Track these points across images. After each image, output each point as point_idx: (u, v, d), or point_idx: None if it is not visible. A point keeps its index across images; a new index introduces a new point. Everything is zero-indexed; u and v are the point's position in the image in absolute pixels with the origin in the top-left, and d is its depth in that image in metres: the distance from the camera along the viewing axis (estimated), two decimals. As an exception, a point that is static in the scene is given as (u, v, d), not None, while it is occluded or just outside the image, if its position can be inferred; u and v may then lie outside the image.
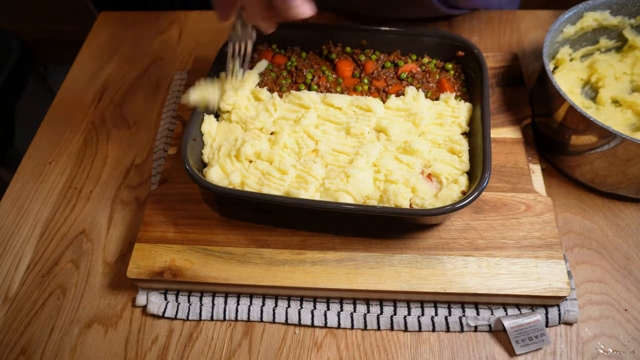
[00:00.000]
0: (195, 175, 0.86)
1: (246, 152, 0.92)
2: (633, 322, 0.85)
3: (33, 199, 1.07)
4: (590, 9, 1.06)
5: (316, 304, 0.89)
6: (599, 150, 0.90)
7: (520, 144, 1.02)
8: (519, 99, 1.09)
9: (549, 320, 0.85)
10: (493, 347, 0.84)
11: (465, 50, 1.04)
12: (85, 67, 1.33)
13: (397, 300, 0.88)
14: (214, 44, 1.35)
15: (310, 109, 0.98)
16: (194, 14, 1.44)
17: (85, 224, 1.02)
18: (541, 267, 0.85)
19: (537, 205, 0.92)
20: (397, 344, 0.85)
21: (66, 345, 0.88)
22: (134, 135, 1.17)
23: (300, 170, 0.90)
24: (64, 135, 1.19)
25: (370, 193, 0.87)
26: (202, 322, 0.89)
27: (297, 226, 0.92)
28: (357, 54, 1.10)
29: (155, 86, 1.27)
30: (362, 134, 0.95)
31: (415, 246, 0.89)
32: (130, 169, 1.11)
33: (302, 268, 0.87)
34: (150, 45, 1.37)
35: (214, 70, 1.02)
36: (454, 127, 0.95)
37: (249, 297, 0.90)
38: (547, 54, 0.98)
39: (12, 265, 0.98)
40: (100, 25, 1.44)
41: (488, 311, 0.86)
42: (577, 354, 0.82)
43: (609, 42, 1.12)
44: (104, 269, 0.96)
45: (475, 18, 1.35)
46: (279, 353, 0.85)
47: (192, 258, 0.89)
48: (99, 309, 0.91)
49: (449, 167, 0.90)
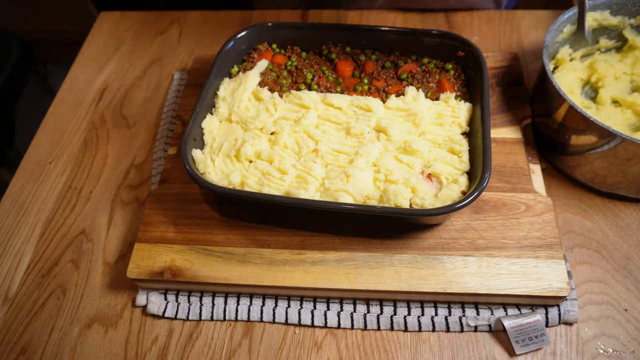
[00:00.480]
0: (195, 175, 0.86)
1: (246, 152, 0.92)
2: (633, 322, 0.85)
3: (33, 199, 1.07)
4: (590, 9, 1.06)
5: (316, 304, 0.89)
6: (599, 150, 0.90)
7: (520, 144, 1.02)
8: (519, 99, 1.09)
9: (549, 320, 0.85)
10: (493, 347, 0.84)
11: (465, 50, 1.04)
12: (85, 67, 1.33)
13: (397, 300, 0.88)
14: (214, 44, 1.35)
15: (311, 109, 0.98)
16: (194, 14, 1.44)
17: (85, 224, 1.02)
18: (541, 267, 0.85)
19: (537, 205, 0.92)
20: (397, 344, 0.85)
21: (66, 345, 0.88)
22: (134, 135, 1.17)
23: (300, 170, 0.90)
24: (64, 135, 1.19)
25: (370, 193, 0.87)
26: (202, 322, 0.89)
27: (297, 226, 0.92)
28: (357, 54, 1.10)
29: (155, 86, 1.27)
30: (362, 134, 0.95)
31: (415, 246, 0.89)
32: (130, 169, 1.11)
33: (302, 268, 0.87)
34: (150, 45, 1.37)
35: (214, 70, 1.02)
36: (454, 127, 0.95)
37: (249, 297, 0.90)
38: (547, 54, 0.98)
39: (12, 265, 0.98)
40: (100, 25, 1.44)
41: (488, 311, 0.86)
42: (577, 354, 0.82)
43: (609, 42, 1.12)
44: (104, 269, 0.96)
45: (475, 18, 1.35)
46: (279, 353, 0.85)
47: (192, 258, 0.89)
48: (99, 309, 0.91)
49: (449, 167, 0.90)
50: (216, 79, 1.03)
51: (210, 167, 0.92)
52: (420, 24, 1.34)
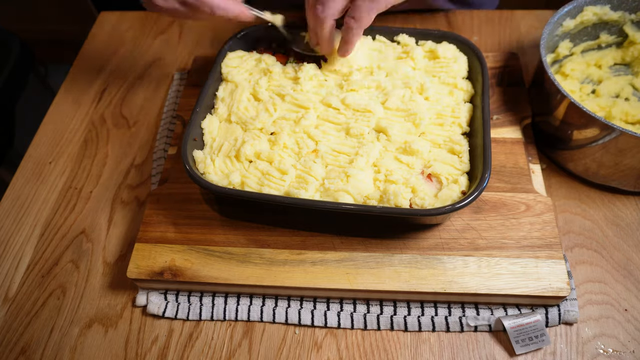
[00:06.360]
0: (195, 176, 0.86)
1: (246, 152, 0.92)
2: (633, 322, 0.85)
3: (33, 199, 1.07)
4: (591, 3, 1.06)
5: (316, 304, 0.89)
6: (600, 142, 0.90)
7: (520, 144, 1.02)
8: (519, 99, 1.09)
9: (549, 320, 0.85)
10: (493, 347, 0.84)
11: (466, 50, 1.04)
12: (85, 67, 1.33)
13: (397, 300, 0.88)
14: (214, 44, 1.35)
15: (310, 110, 0.98)
16: (194, 14, 1.44)
17: (85, 224, 1.03)
18: (541, 267, 0.85)
19: (537, 205, 0.92)
20: (397, 344, 0.85)
21: (66, 345, 0.88)
22: (134, 135, 1.17)
23: (300, 170, 0.90)
24: (64, 135, 1.19)
25: (370, 193, 0.87)
26: (202, 322, 0.89)
27: (297, 226, 0.92)
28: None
29: (155, 86, 1.27)
30: (362, 134, 0.95)
31: (415, 246, 0.89)
32: (130, 169, 1.11)
33: (302, 268, 0.87)
34: (150, 45, 1.37)
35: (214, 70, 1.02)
36: (454, 127, 0.95)
37: (249, 297, 0.90)
38: (544, 45, 0.98)
39: (12, 265, 0.98)
40: (100, 25, 1.44)
41: (488, 311, 0.86)
42: (577, 354, 0.82)
43: (609, 37, 1.12)
44: (104, 269, 0.96)
45: (476, 18, 1.35)
46: (279, 353, 0.85)
47: (192, 258, 0.89)
48: (99, 309, 0.91)
49: (449, 167, 0.90)
50: (216, 79, 1.03)
51: (210, 167, 0.92)
52: (420, 24, 1.34)
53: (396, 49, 1.08)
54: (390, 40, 1.10)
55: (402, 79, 1.02)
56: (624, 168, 0.92)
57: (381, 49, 1.08)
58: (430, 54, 1.06)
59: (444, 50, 1.04)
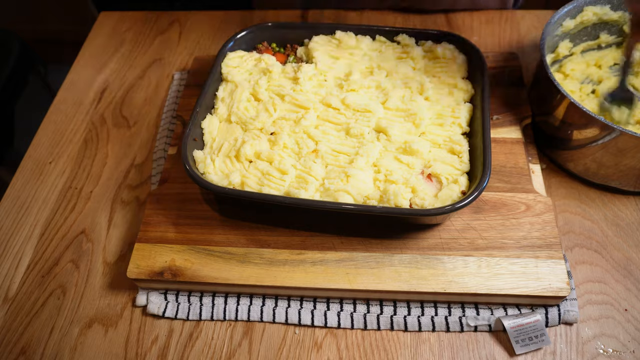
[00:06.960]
0: (195, 176, 0.86)
1: (246, 152, 0.92)
2: (633, 322, 0.85)
3: (33, 199, 1.07)
4: (591, 3, 1.06)
5: (316, 304, 0.89)
6: (600, 142, 0.90)
7: (520, 144, 1.02)
8: (519, 99, 1.09)
9: (549, 320, 0.85)
10: (493, 347, 0.84)
11: (466, 50, 1.04)
12: (85, 67, 1.33)
13: (397, 300, 0.88)
14: (214, 44, 1.35)
15: (310, 110, 0.98)
16: (194, 14, 1.44)
17: (85, 224, 1.02)
18: (541, 267, 0.85)
19: (537, 205, 0.92)
20: (397, 344, 0.85)
21: (66, 345, 0.88)
22: (134, 135, 1.17)
23: (300, 170, 0.90)
24: (64, 135, 1.19)
25: (370, 193, 0.87)
26: (202, 322, 0.89)
27: (297, 226, 0.92)
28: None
29: (155, 86, 1.27)
30: (362, 134, 0.95)
31: (415, 246, 0.89)
32: (130, 169, 1.11)
33: (302, 268, 0.87)
34: (150, 45, 1.37)
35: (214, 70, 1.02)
36: (454, 127, 0.95)
37: (249, 297, 0.90)
38: (544, 45, 0.98)
39: (12, 265, 0.98)
40: (100, 25, 1.44)
41: (488, 311, 0.86)
42: (577, 354, 0.82)
43: (609, 38, 1.12)
44: (104, 269, 0.96)
45: (476, 18, 1.35)
46: (279, 353, 0.85)
47: (192, 258, 0.89)
48: (99, 309, 0.91)
49: (449, 167, 0.90)
50: (216, 79, 1.03)
51: (210, 167, 0.92)
52: (420, 24, 1.34)
53: (396, 49, 1.08)
54: (390, 40, 1.10)
55: (402, 79, 1.03)
56: (624, 168, 0.92)
57: (381, 49, 1.08)
58: (430, 54, 1.07)
59: (443, 50, 1.04)
